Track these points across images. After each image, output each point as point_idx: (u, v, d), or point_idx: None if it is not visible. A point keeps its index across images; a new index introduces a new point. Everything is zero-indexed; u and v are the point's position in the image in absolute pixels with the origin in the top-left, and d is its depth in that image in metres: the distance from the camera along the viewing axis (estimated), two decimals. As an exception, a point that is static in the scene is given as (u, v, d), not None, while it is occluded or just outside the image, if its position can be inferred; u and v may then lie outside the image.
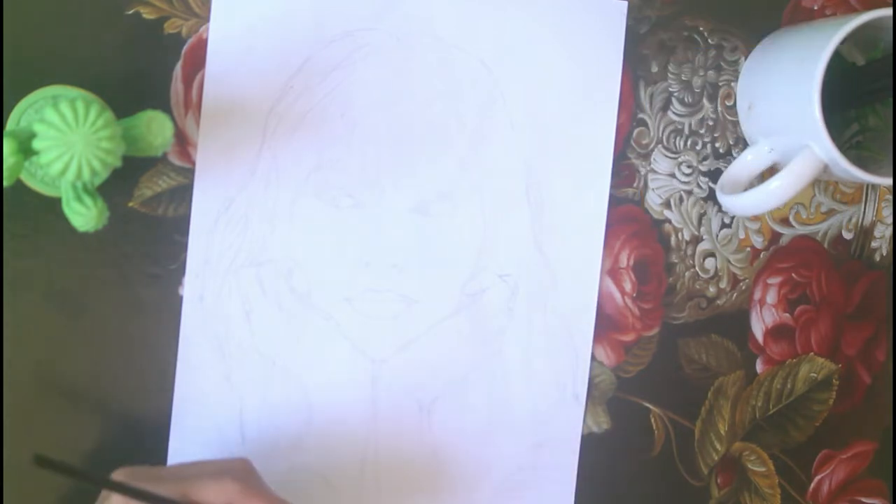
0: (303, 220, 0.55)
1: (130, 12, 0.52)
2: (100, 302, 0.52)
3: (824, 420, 0.64)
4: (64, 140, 0.41)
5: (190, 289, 0.54)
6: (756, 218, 0.62)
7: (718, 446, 0.62)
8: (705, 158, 0.61)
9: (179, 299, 0.53)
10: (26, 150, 0.42)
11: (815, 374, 0.63)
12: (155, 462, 0.53)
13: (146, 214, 0.53)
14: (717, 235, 0.61)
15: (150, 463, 0.53)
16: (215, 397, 0.54)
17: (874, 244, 0.64)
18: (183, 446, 0.54)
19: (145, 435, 0.53)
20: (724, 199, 0.57)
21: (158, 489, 0.43)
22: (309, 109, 0.55)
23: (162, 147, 0.46)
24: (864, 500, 0.65)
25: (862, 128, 0.59)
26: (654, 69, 0.59)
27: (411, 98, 0.56)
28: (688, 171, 0.60)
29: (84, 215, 0.43)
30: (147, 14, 0.52)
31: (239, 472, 0.47)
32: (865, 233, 0.63)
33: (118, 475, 0.46)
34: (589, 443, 0.60)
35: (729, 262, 0.61)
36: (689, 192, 0.60)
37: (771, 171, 0.56)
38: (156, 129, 0.45)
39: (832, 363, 0.63)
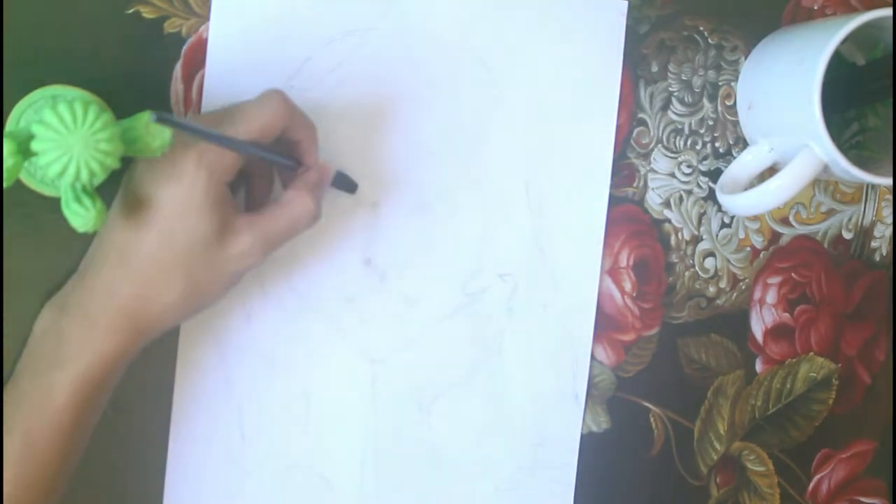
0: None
1: (130, 12, 0.52)
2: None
3: (824, 420, 0.64)
4: (62, 142, 0.41)
5: (190, 289, 0.53)
6: (756, 218, 0.62)
7: (718, 446, 0.62)
8: (705, 158, 0.61)
9: (179, 299, 0.53)
10: (25, 151, 0.42)
11: (815, 374, 0.63)
12: (156, 464, 0.53)
13: (146, 214, 0.52)
14: (717, 235, 0.61)
15: (152, 463, 0.53)
16: (215, 397, 0.54)
17: (874, 244, 0.64)
18: (183, 446, 0.54)
19: (144, 435, 0.53)
20: (724, 199, 0.57)
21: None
22: (308, 109, 0.54)
23: (160, 148, 0.46)
24: (863, 499, 0.65)
25: (862, 128, 0.59)
26: (654, 69, 0.59)
27: (411, 98, 0.56)
28: (688, 170, 0.60)
29: (83, 216, 0.43)
30: (147, 13, 0.52)
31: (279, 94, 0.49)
32: (865, 233, 0.64)
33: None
34: (588, 442, 0.60)
35: (729, 261, 0.61)
36: (689, 192, 0.60)
37: (771, 171, 0.56)
38: (154, 130, 0.45)
39: (832, 363, 0.63)
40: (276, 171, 0.53)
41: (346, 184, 0.54)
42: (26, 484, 0.45)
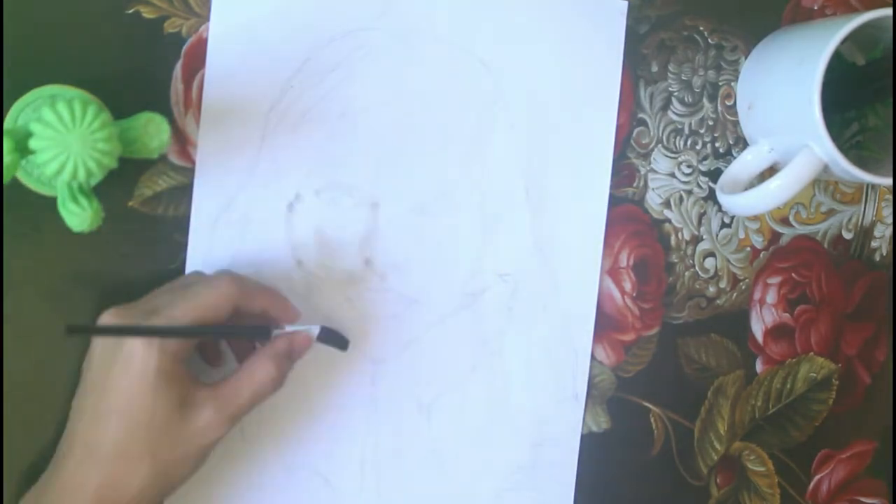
0: (303, 220, 0.55)
1: (130, 12, 0.52)
2: (100, 302, 0.52)
3: (824, 420, 0.64)
4: (60, 140, 0.41)
5: (190, 288, 0.53)
6: (756, 218, 0.62)
7: (718, 446, 0.62)
8: (705, 158, 0.61)
9: (179, 299, 0.53)
10: (23, 149, 0.42)
11: (815, 374, 0.63)
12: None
13: (146, 214, 0.53)
14: (717, 235, 0.61)
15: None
16: (215, 397, 0.54)
17: (874, 244, 0.64)
18: (183, 446, 0.54)
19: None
20: (724, 199, 0.57)
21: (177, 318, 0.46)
22: (309, 109, 0.54)
23: (158, 149, 0.46)
24: (863, 499, 0.65)
25: (862, 128, 0.59)
26: (654, 69, 0.59)
27: (411, 98, 0.56)
28: (688, 170, 0.60)
29: (79, 216, 0.43)
30: (147, 13, 0.52)
31: (228, 274, 0.49)
32: (865, 233, 0.63)
33: (108, 318, 0.46)
34: (589, 442, 0.60)
35: (729, 261, 0.61)
36: (689, 192, 0.60)
37: (771, 171, 0.56)
38: (153, 130, 0.45)
39: (832, 363, 0.63)
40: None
41: (334, 341, 0.52)
42: None
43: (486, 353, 0.58)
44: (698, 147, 0.60)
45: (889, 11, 0.52)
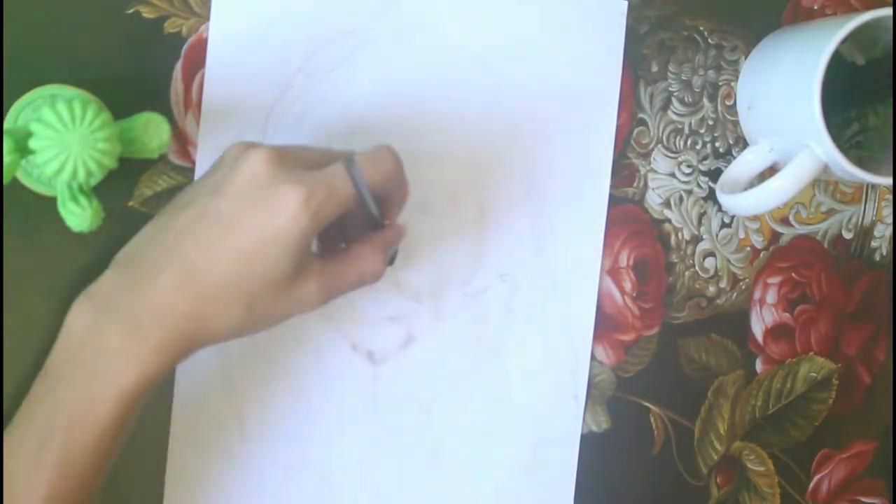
0: (302, 220, 0.55)
1: (130, 11, 0.52)
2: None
3: (824, 420, 0.64)
4: (60, 140, 0.41)
5: (190, 288, 0.53)
6: (756, 217, 0.62)
7: (718, 446, 0.62)
8: (705, 158, 0.61)
9: (179, 299, 0.53)
10: (23, 149, 0.42)
11: (815, 374, 0.63)
12: (156, 464, 0.53)
13: (146, 214, 0.53)
14: (717, 235, 0.61)
15: (152, 463, 0.53)
16: (215, 397, 0.54)
17: (874, 244, 0.64)
18: (182, 446, 0.54)
19: (145, 434, 0.53)
20: (724, 199, 0.57)
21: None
22: (309, 109, 0.54)
23: (158, 149, 0.46)
24: (863, 499, 0.65)
25: (862, 128, 0.59)
26: (654, 69, 0.59)
27: (411, 98, 0.56)
28: (688, 170, 0.60)
29: (79, 216, 0.43)
30: (147, 13, 0.52)
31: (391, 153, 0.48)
32: (865, 232, 0.63)
33: (261, 160, 0.44)
34: (589, 442, 0.60)
35: (729, 261, 0.61)
36: (689, 192, 0.60)
37: (771, 171, 0.56)
38: (153, 130, 0.45)
39: (832, 363, 0.63)
40: (349, 220, 0.51)
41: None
42: (63, 498, 0.43)
43: (486, 353, 0.58)
44: (698, 147, 0.60)
45: (889, 11, 0.52)
